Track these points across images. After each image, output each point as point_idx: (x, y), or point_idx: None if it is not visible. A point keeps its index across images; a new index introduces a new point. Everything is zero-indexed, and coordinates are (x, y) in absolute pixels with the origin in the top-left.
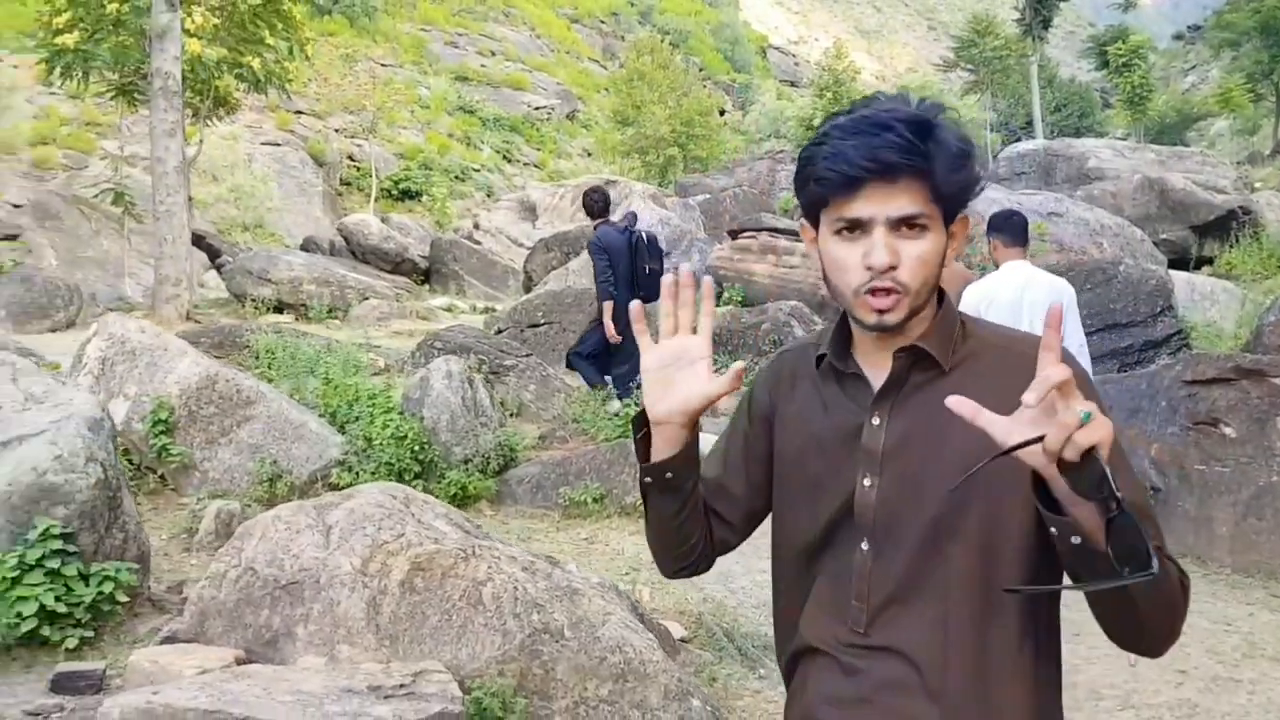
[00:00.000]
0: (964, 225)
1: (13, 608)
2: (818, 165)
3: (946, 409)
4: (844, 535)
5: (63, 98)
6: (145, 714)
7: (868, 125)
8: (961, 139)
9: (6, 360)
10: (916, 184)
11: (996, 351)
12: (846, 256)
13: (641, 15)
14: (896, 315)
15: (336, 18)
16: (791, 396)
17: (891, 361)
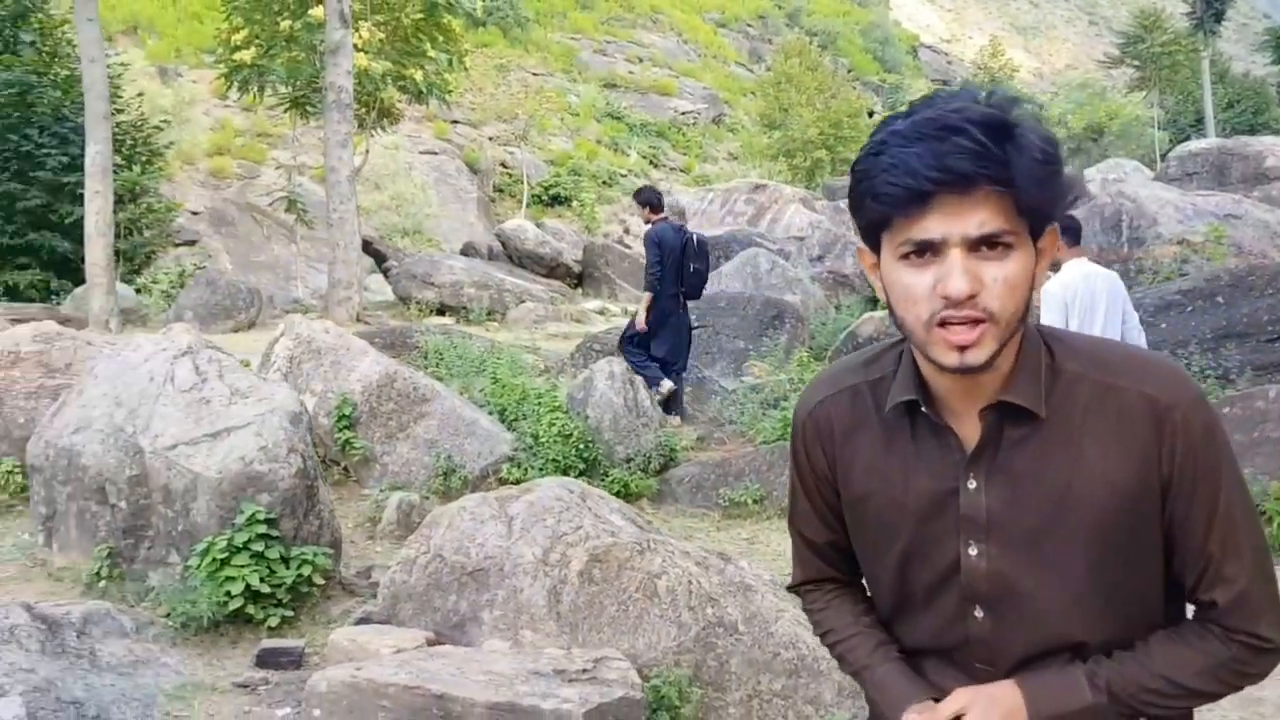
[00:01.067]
0: (1053, 238)
1: (222, 586)
2: (876, 179)
3: (1056, 464)
4: (947, 600)
5: (237, 110)
6: (350, 687)
7: (933, 129)
8: (1046, 139)
9: (214, 358)
10: (996, 195)
11: (1094, 388)
12: (915, 284)
13: (789, 17)
14: (983, 352)
15: (491, 29)
16: (853, 451)
17: (979, 419)
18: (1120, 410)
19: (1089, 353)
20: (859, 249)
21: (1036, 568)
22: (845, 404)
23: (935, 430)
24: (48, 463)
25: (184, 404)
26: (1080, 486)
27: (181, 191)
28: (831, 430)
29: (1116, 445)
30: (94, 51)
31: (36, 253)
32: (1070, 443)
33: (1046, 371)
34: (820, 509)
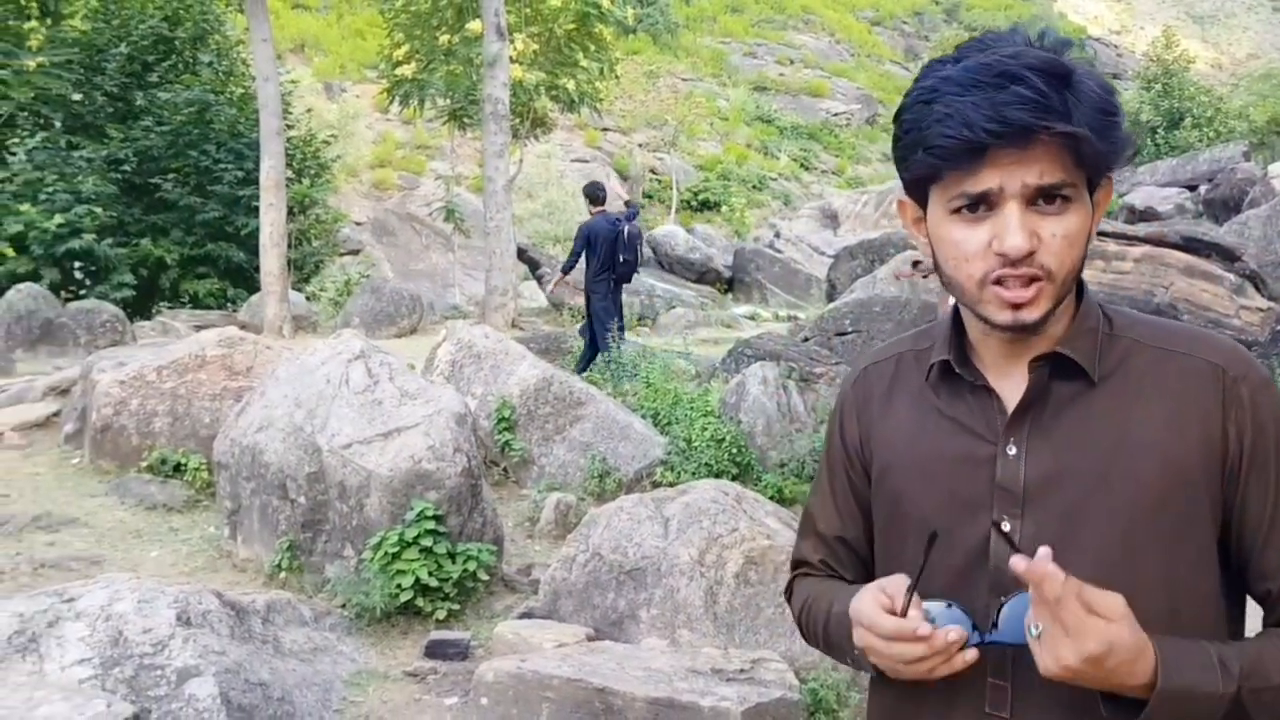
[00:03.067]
0: (1109, 191)
1: (393, 580)
2: (929, 130)
3: (1104, 431)
4: (972, 591)
5: (397, 123)
6: (516, 678)
7: (990, 76)
8: (1104, 86)
9: (385, 361)
10: (1056, 146)
11: (1151, 355)
12: (968, 240)
13: (947, 13)
14: (1037, 310)
15: (641, 36)
16: (887, 416)
17: (1027, 373)
18: (1182, 376)
19: (1151, 323)
20: (900, 202)
21: (1075, 552)
22: (889, 371)
23: (975, 391)
24: (233, 460)
25: (358, 405)
26: (1128, 459)
27: (346, 203)
28: (871, 398)
29: (1175, 414)
30: (268, 70)
31: (214, 262)
32: (1122, 410)
33: (1103, 338)
34: (842, 493)
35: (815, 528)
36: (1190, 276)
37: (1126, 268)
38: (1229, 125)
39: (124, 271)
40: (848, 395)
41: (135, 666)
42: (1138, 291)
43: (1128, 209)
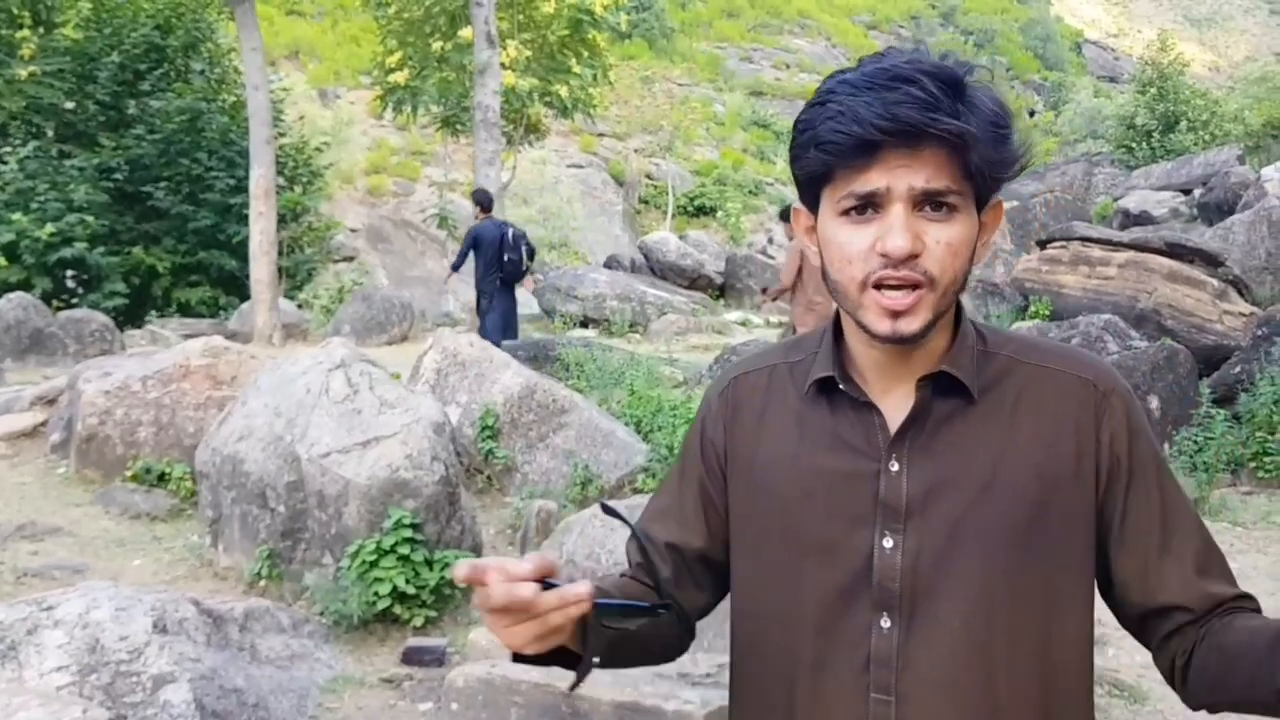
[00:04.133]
0: (998, 213)
1: (371, 587)
2: (821, 127)
3: (983, 446)
4: (851, 610)
5: (392, 129)
6: (485, 683)
7: (884, 79)
8: (998, 101)
9: (365, 370)
10: (945, 153)
11: (1025, 371)
12: (853, 241)
13: (943, 17)
14: (916, 321)
15: (636, 41)
16: (759, 433)
17: (914, 390)
18: (1055, 391)
19: (1021, 340)
20: (794, 210)
21: (954, 562)
22: (761, 384)
23: (857, 408)
24: (214, 469)
25: (337, 414)
26: (1007, 471)
27: (340, 209)
28: (740, 409)
29: (1050, 427)
30: (257, 79)
31: (206, 271)
32: (1000, 425)
33: (979, 355)
34: (690, 499)
35: (649, 526)
36: (1174, 282)
37: (1110, 274)
38: (1225, 128)
39: (116, 280)
40: (714, 404)
41: (112, 673)
42: (1121, 297)
43: (1122, 213)
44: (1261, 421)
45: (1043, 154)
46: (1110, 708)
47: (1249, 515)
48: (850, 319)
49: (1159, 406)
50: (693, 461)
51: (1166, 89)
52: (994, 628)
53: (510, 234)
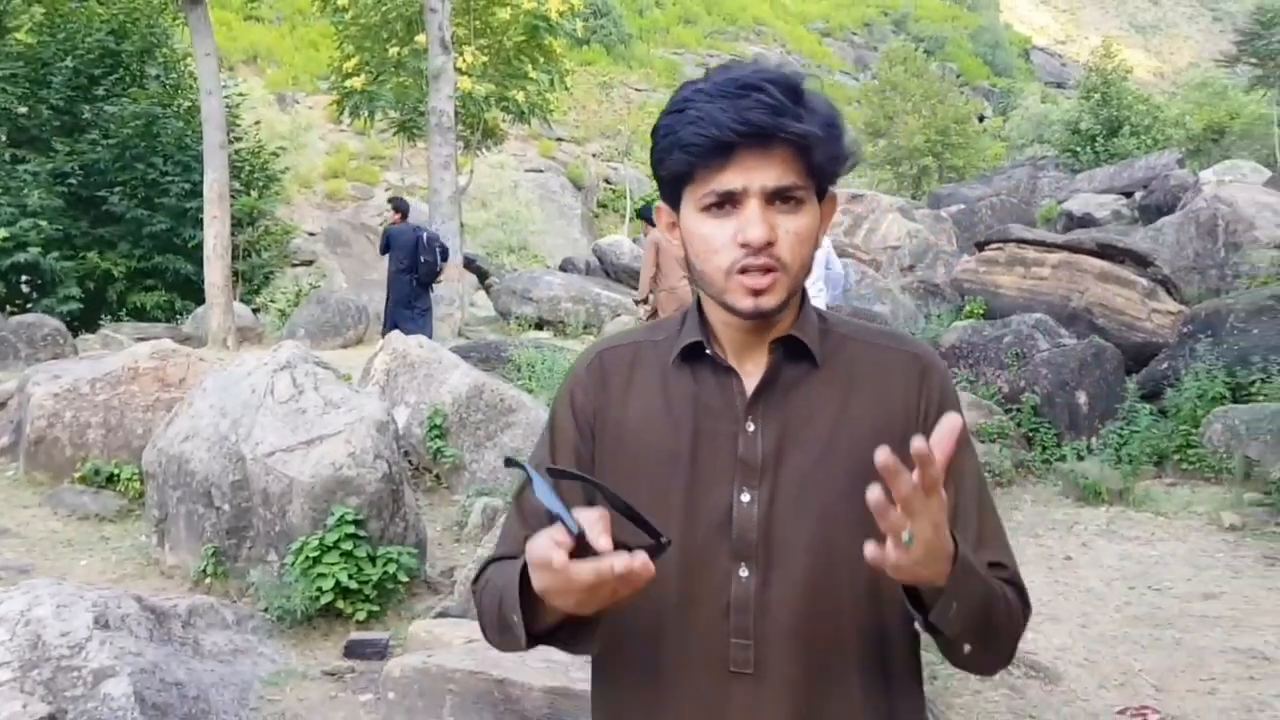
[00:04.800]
0: (833, 204)
1: (314, 583)
2: (682, 132)
3: (826, 407)
4: (711, 562)
5: (351, 134)
6: (421, 672)
7: (734, 87)
8: (831, 105)
9: (310, 371)
10: (791, 153)
11: (860, 347)
12: (715, 234)
13: (895, 24)
14: (774, 298)
15: (594, 47)
16: (626, 400)
17: (767, 354)
18: (888, 364)
19: (856, 323)
20: (658, 208)
21: (805, 515)
22: (628, 356)
23: (718, 374)
24: (160, 469)
25: (282, 414)
26: (847, 430)
27: (299, 214)
28: (608, 378)
29: (883, 392)
30: (211, 84)
31: (162, 275)
32: (840, 390)
33: (820, 331)
34: (564, 463)
35: (527, 504)
36: (1105, 282)
37: (1045, 274)
38: (1166, 133)
39: (70, 285)
40: (580, 375)
41: (53, 668)
42: (1055, 297)
43: (1066, 215)
44: (1186, 416)
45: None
46: (1026, 689)
47: (1171, 505)
48: (714, 300)
49: (1087, 401)
50: (565, 428)
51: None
52: (837, 574)
53: (425, 237)
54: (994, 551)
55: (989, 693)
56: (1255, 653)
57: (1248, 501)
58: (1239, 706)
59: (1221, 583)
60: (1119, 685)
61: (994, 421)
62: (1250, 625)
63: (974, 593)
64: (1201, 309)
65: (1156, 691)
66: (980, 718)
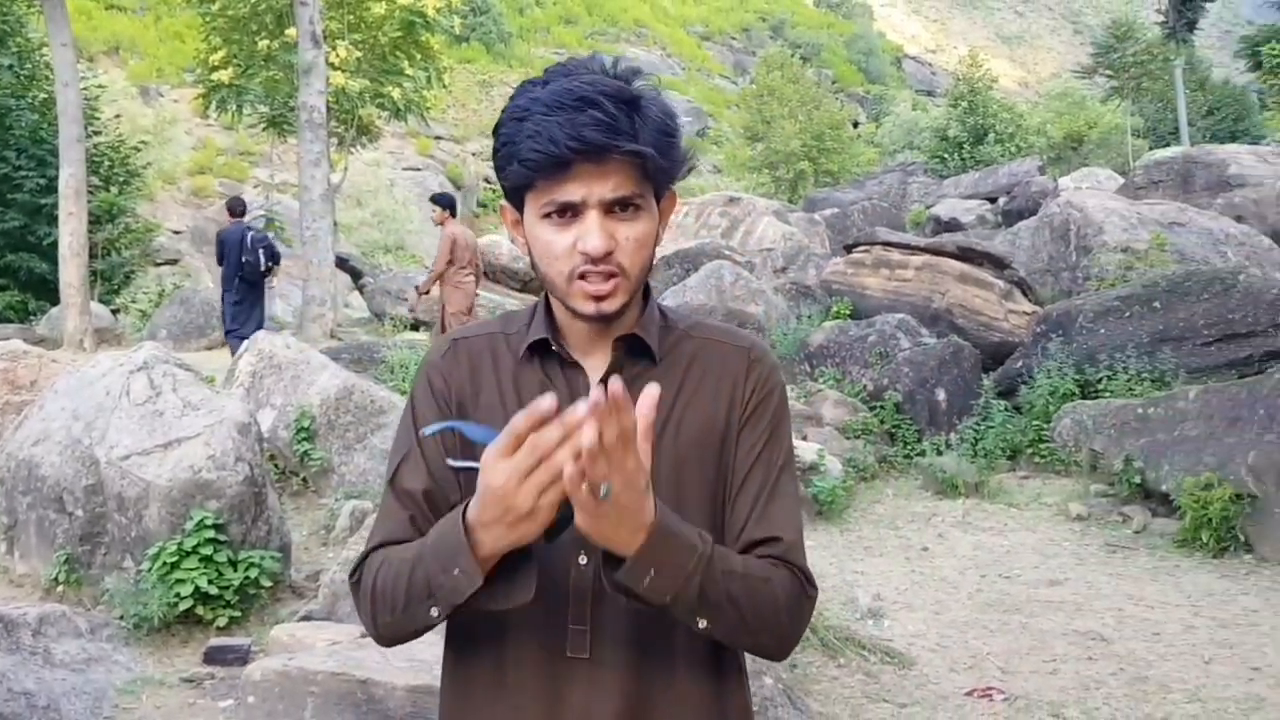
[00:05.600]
0: (671, 202)
1: (172, 589)
2: (521, 144)
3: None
4: (553, 551)
5: (219, 129)
6: (282, 675)
7: (571, 100)
8: (666, 111)
9: (169, 373)
10: (627, 162)
11: (697, 343)
12: (557, 241)
13: (773, 30)
14: (615, 302)
15: (474, 45)
16: (477, 390)
17: (610, 352)
18: (720, 358)
19: (695, 320)
20: (502, 206)
21: None
22: (480, 345)
23: (565, 368)
24: (9, 474)
25: (138, 416)
26: (677, 421)
27: (163, 211)
28: (461, 366)
29: (714, 384)
30: (68, 76)
31: (15, 274)
32: (676, 381)
33: (662, 328)
34: (432, 453)
35: (403, 491)
36: (964, 283)
37: (908, 276)
38: (1029, 140)
39: None
40: (436, 363)
41: None
42: (918, 298)
43: (934, 219)
44: (1038, 412)
45: (865, 164)
46: (881, 674)
47: (1023, 497)
48: (558, 301)
49: (946, 398)
50: (426, 413)
51: (977, 103)
52: None
53: (249, 237)
54: (773, 527)
55: (845, 679)
56: (1094, 635)
57: (1093, 493)
58: (1077, 685)
59: (1067, 570)
60: (968, 668)
61: (859, 419)
62: (1091, 609)
63: (680, 564)
64: (1053, 310)
65: (1003, 673)
66: (836, 702)
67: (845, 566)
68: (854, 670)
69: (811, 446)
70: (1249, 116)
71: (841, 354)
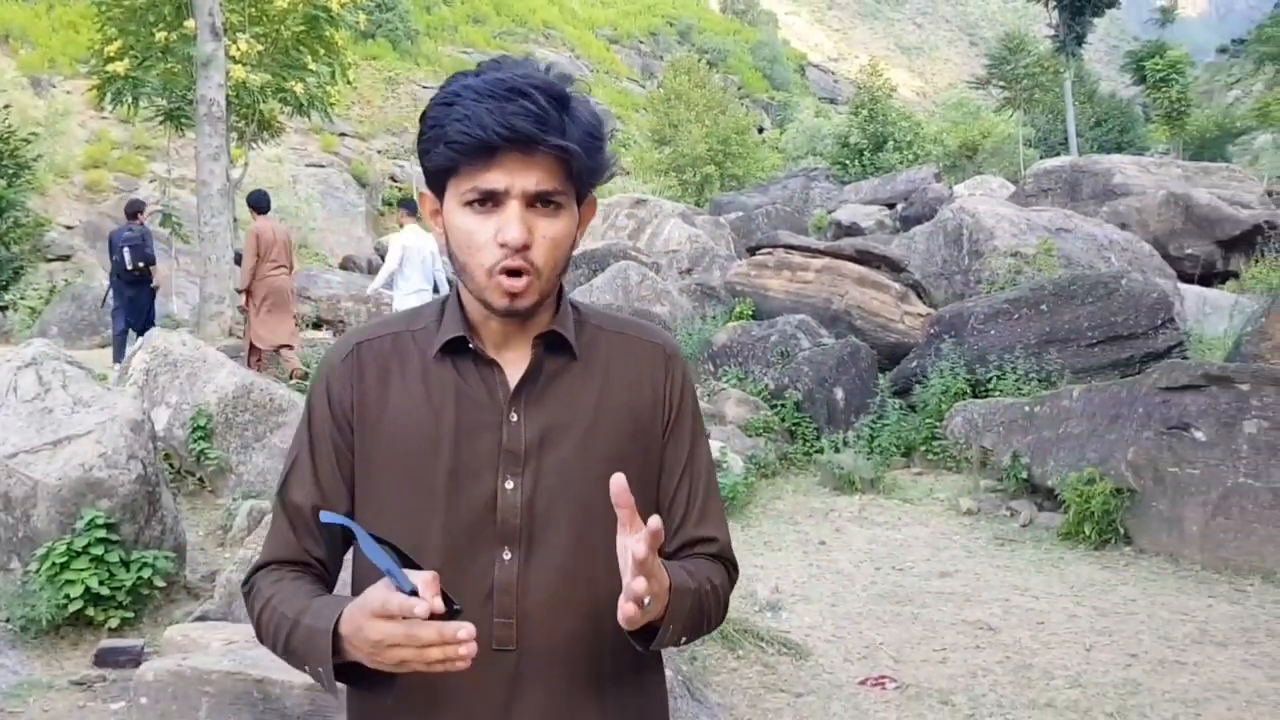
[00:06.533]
0: (592, 207)
1: (61, 590)
2: (448, 128)
3: (585, 397)
4: (475, 548)
5: (114, 122)
6: (175, 675)
7: (503, 90)
8: (594, 114)
9: (58, 369)
10: (553, 159)
11: (610, 338)
12: (478, 231)
13: (680, 35)
14: (528, 299)
15: (379, 42)
16: (384, 392)
17: (530, 349)
18: (637, 354)
19: (605, 314)
20: (422, 194)
21: (565, 499)
22: (386, 346)
23: (480, 366)
24: None
25: (26, 413)
26: (605, 417)
27: (55, 205)
28: (364, 372)
29: (634, 381)
30: None
31: None
32: (597, 379)
33: (576, 323)
34: (327, 466)
35: (293, 506)
36: (862, 286)
37: (809, 278)
38: (926, 148)
39: None
40: (337, 368)
41: None
42: (819, 299)
43: (835, 224)
44: (931, 410)
45: (769, 168)
46: (778, 665)
47: (917, 493)
48: (473, 296)
49: (843, 397)
50: (322, 424)
51: (877, 111)
52: (595, 552)
53: (121, 236)
54: (711, 527)
55: (744, 670)
56: (982, 624)
57: (983, 488)
58: (966, 673)
59: (957, 562)
60: (862, 658)
61: (760, 417)
62: (979, 600)
63: (686, 607)
64: (946, 312)
65: (895, 662)
66: (735, 693)
67: (746, 561)
68: (752, 661)
69: (714, 444)
70: (1134, 128)
71: (744, 354)
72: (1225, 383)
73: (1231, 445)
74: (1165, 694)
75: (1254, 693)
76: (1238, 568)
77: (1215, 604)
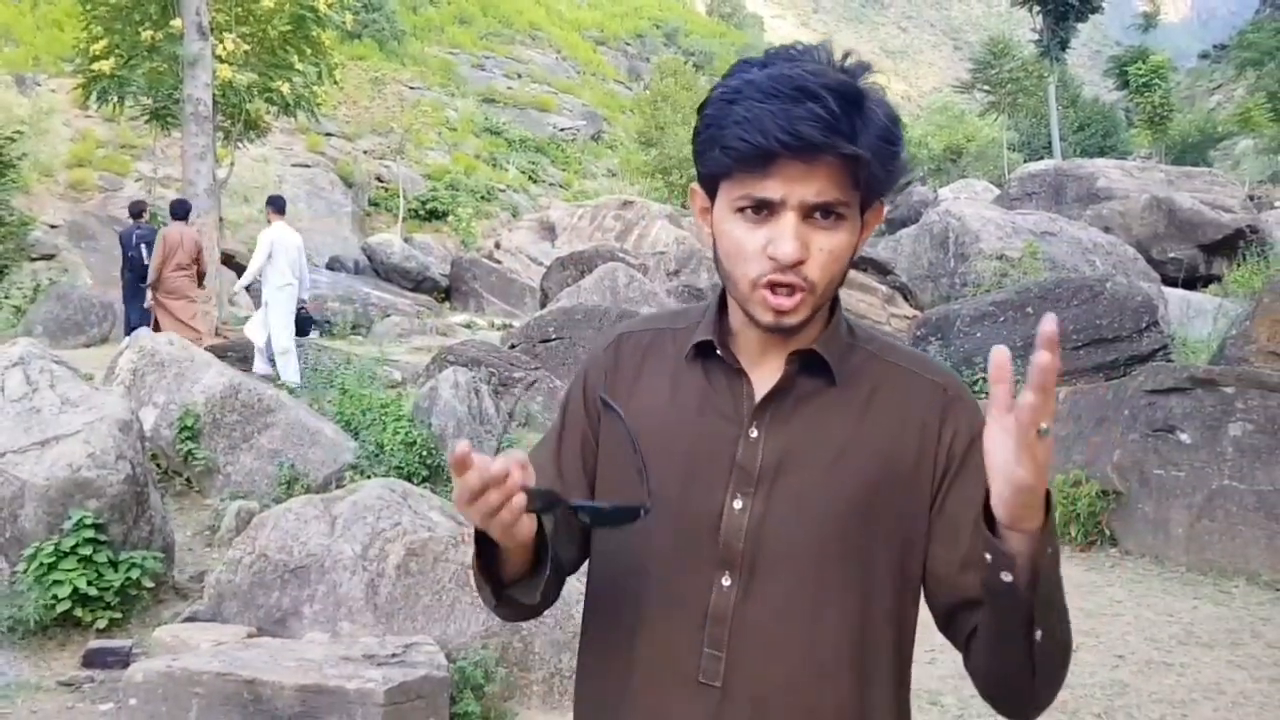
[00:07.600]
0: (879, 214)
1: (49, 590)
2: (726, 130)
3: (837, 427)
4: (695, 566)
5: (99, 120)
6: (165, 676)
7: (790, 88)
8: (890, 115)
9: (45, 369)
10: (838, 165)
11: (884, 367)
12: (747, 240)
13: (666, 38)
14: (797, 317)
15: (366, 42)
16: (635, 387)
17: (783, 365)
18: (910, 390)
19: (886, 341)
20: (693, 189)
21: (795, 530)
22: (645, 342)
23: (729, 374)
24: None
25: (13, 413)
26: (854, 453)
27: (39, 204)
28: (623, 363)
29: (898, 421)
30: None
31: None
32: (855, 410)
33: (847, 346)
34: (569, 450)
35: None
36: (849, 288)
37: None
38: (911, 153)
39: None
40: (599, 357)
41: None
42: None
43: None
44: None
45: None
46: None
47: None
48: (736, 303)
49: None
50: (575, 411)
51: None
52: (820, 596)
53: (134, 235)
54: None
55: None
56: None
57: None
58: (955, 674)
59: None
60: None
61: None
62: None
63: (1052, 562)
64: (932, 314)
65: None
66: None
67: None
68: None
69: None
70: (1117, 133)
71: None
72: (1210, 385)
73: (1216, 448)
74: (1152, 695)
75: (1239, 693)
76: (1222, 569)
77: (1201, 605)
